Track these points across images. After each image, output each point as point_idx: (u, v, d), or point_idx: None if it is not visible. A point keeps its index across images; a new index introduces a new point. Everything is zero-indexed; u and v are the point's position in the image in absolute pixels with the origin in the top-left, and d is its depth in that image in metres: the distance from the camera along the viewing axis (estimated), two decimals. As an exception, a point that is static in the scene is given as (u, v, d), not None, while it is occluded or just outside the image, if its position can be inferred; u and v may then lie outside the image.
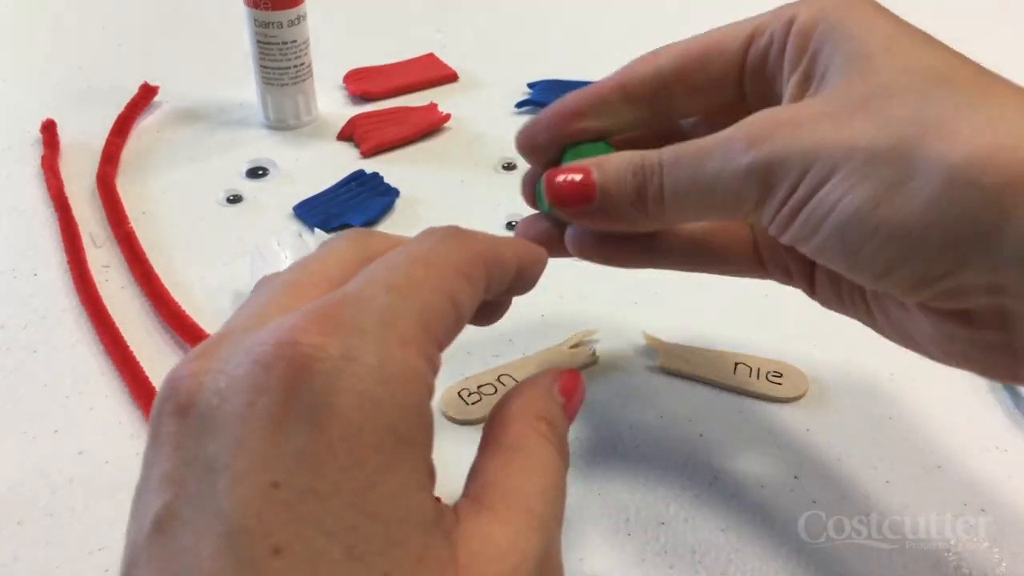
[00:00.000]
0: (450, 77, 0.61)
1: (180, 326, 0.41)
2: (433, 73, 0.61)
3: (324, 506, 0.19)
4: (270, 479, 0.19)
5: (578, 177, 0.29)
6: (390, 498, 0.20)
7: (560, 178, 0.29)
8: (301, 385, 0.20)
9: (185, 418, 0.21)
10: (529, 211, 0.32)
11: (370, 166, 0.52)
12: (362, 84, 0.59)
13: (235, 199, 0.50)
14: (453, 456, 0.25)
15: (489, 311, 0.29)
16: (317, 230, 0.45)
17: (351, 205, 0.49)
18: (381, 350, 0.21)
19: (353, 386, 0.20)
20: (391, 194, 0.50)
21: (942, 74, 0.24)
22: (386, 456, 0.20)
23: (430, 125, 0.55)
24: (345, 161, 0.53)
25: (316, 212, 0.48)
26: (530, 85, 0.59)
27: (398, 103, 0.58)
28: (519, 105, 0.58)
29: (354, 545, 0.19)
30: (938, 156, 0.23)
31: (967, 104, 0.23)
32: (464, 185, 0.51)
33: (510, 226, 0.47)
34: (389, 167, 0.52)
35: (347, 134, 0.55)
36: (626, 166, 0.28)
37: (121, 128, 0.55)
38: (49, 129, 0.55)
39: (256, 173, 0.52)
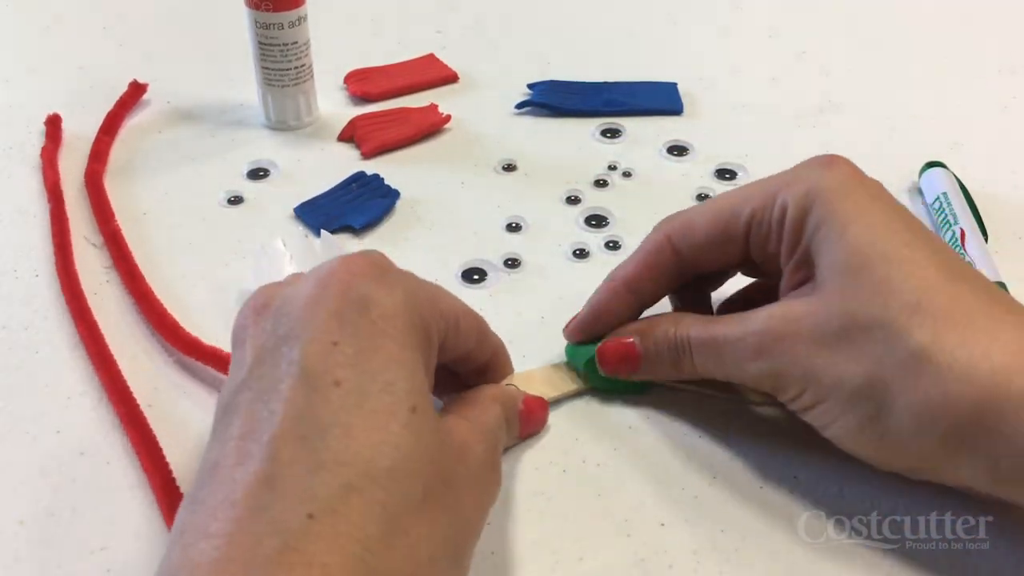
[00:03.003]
0: (450, 78, 0.61)
1: (161, 324, 0.41)
2: (433, 74, 0.61)
3: (370, 358, 0.27)
4: (331, 340, 0.28)
5: (624, 347, 0.36)
6: (412, 360, 0.28)
7: (611, 347, 0.36)
8: (351, 289, 0.29)
9: (264, 312, 0.29)
10: (535, 213, 0.32)
11: (371, 167, 0.52)
12: (363, 85, 0.59)
13: (236, 200, 0.50)
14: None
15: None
16: (324, 232, 0.45)
17: (352, 206, 0.49)
18: (405, 287, 0.30)
19: (386, 295, 0.29)
20: (392, 195, 0.50)
21: (919, 303, 0.29)
22: (413, 338, 0.29)
23: (430, 126, 0.55)
24: (346, 162, 0.53)
25: (317, 213, 0.49)
26: (530, 85, 0.59)
27: (399, 104, 0.58)
28: (519, 106, 0.58)
29: (391, 383, 0.27)
30: (905, 399, 0.29)
31: (934, 340, 0.29)
32: (464, 186, 0.51)
33: (510, 227, 0.48)
34: (390, 168, 0.52)
35: (348, 135, 0.55)
36: (663, 339, 0.35)
37: (110, 126, 0.55)
38: (54, 123, 0.55)
39: (257, 174, 0.52)
